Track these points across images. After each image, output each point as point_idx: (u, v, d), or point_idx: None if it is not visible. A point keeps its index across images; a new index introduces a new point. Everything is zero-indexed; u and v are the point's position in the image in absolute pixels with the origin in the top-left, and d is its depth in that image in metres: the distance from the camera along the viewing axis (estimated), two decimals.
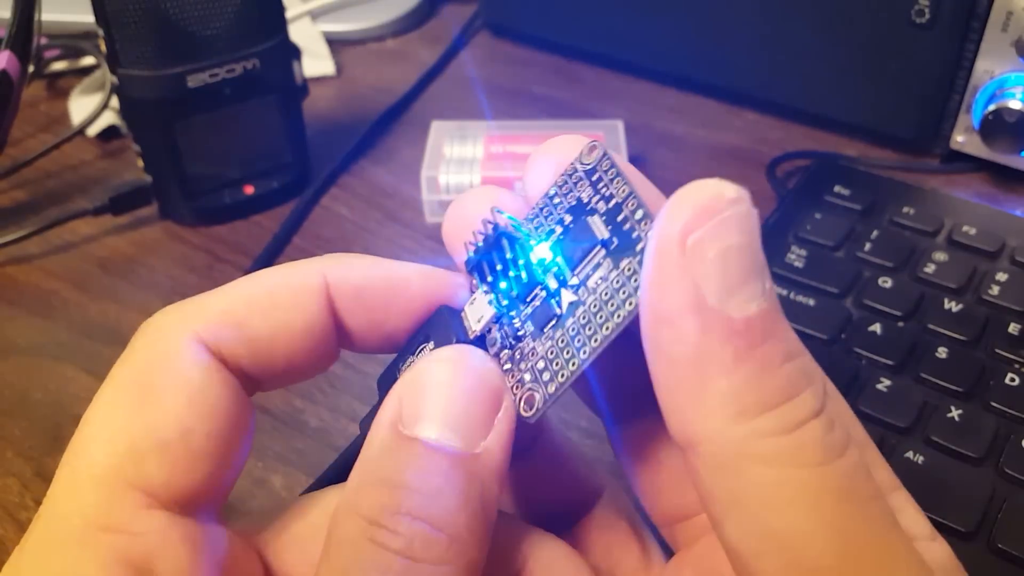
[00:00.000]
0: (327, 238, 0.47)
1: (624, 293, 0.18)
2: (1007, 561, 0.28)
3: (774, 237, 0.41)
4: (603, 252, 0.18)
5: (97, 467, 0.18)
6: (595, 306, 0.18)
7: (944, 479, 0.31)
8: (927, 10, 0.47)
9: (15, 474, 0.34)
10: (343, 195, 0.50)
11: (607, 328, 0.18)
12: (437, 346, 0.20)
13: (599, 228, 0.19)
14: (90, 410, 0.19)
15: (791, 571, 0.16)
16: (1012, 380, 0.34)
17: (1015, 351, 0.35)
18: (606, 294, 0.18)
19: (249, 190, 0.48)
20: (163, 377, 0.19)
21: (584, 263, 0.19)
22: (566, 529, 0.23)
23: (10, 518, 0.33)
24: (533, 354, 0.19)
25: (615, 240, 0.18)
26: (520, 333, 0.20)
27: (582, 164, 0.20)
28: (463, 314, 0.21)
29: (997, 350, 0.35)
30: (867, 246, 0.40)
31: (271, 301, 0.20)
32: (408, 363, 0.21)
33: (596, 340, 0.18)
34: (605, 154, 0.19)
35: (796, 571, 0.16)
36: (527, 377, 0.19)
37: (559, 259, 0.19)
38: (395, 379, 0.20)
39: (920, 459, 0.31)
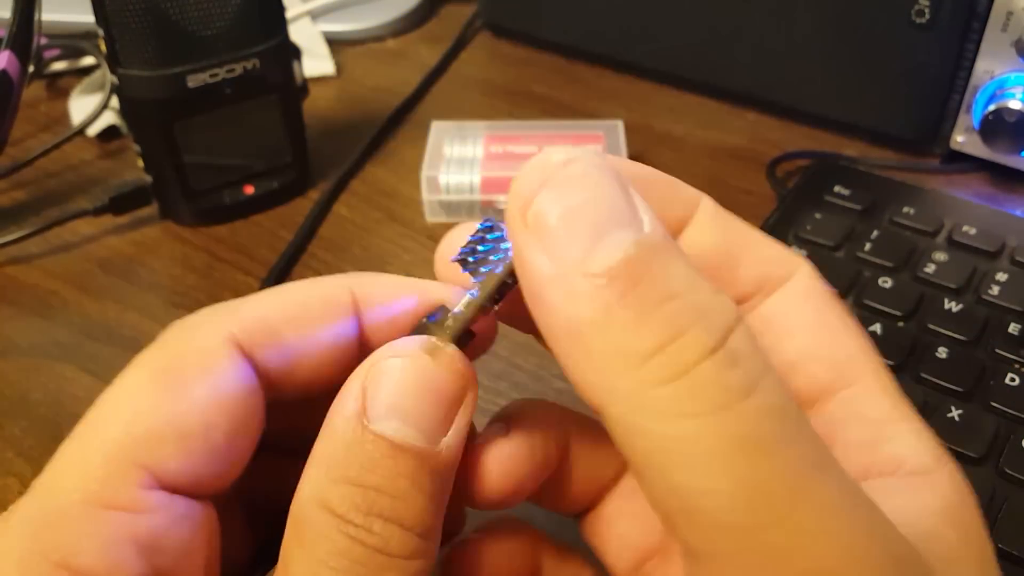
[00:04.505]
0: (327, 237, 0.47)
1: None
2: (1007, 561, 0.28)
3: (774, 237, 0.41)
4: None
5: (110, 443, 0.18)
6: None
7: None
8: (927, 10, 0.47)
9: (15, 474, 0.34)
10: (343, 195, 0.50)
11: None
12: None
13: None
14: (111, 388, 0.19)
15: (703, 530, 0.15)
16: (1012, 380, 0.34)
17: (1015, 351, 0.35)
18: None
19: (249, 190, 0.48)
20: (194, 368, 0.19)
21: None
22: (596, 502, 0.23)
23: None
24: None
25: None
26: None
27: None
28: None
29: (997, 350, 0.35)
30: (867, 246, 0.40)
31: (304, 312, 0.20)
32: None
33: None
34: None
35: (707, 530, 0.15)
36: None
37: None
38: None
39: None
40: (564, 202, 0.16)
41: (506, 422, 0.22)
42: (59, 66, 0.59)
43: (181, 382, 0.18)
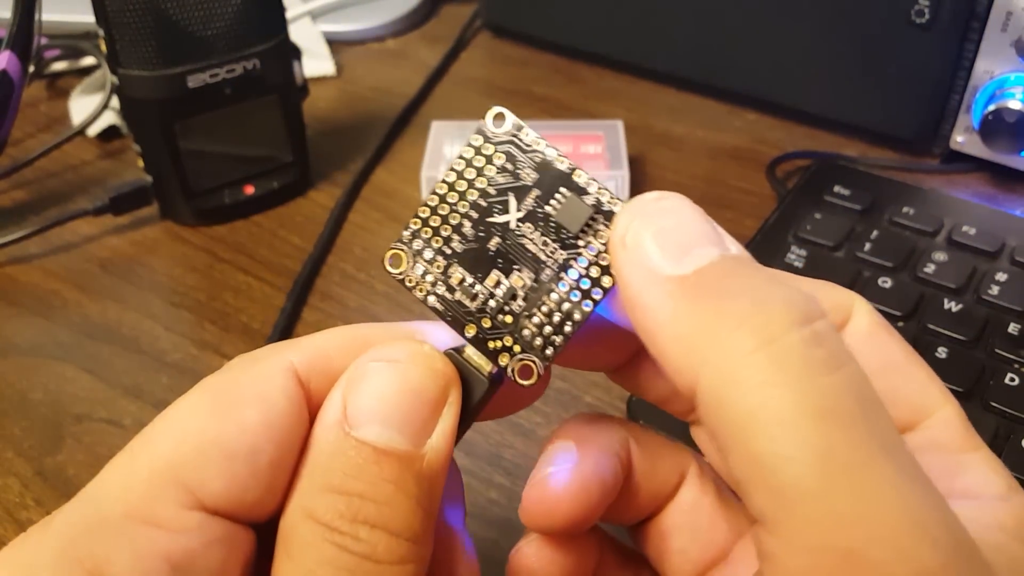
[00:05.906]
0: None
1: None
2: None
3: (774, 237, 0.41)
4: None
5: (157, 459, 0.18)
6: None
7: None
8: (927, 10, 0.47)
9: (15, 474, 0.34)
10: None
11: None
12: None
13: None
14: (170, 407, 0.19)
15: (778, 496, 0.15)
16: (1012, 380, 0.34)
17: (1015, 351, 0.35)
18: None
19: (249, 190, 0.48)
20: (248, 393, 0.19)
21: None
22: (653, 514, 0.23)
23: (10, 518, 0.33)
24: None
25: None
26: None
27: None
28: None
29: (997, 350, 0.35)
30: (867, 246, 0.40)
31: (364, 345, 0.20)
32: None
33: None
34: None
35: (782, 496, 0.15)
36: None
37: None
38: None
39: None
40: (657, 225, 0.18)
41: (574, 445, 0.21)
42: (59, 66, 0.60)
43: (233, 405, 0.19)
